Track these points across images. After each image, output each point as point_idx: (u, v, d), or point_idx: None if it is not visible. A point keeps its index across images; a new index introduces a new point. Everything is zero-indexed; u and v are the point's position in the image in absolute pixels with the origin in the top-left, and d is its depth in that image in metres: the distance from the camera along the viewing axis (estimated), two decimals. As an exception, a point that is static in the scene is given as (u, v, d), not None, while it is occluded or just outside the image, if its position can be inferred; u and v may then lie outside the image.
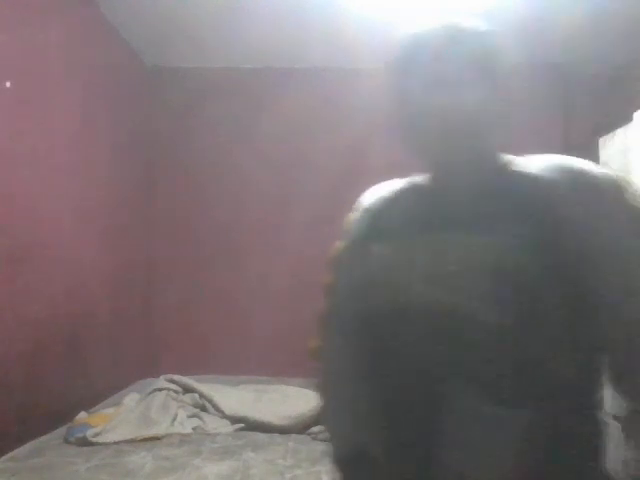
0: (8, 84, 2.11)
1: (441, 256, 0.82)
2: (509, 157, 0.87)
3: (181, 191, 3.68)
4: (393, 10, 2.99)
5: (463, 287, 0.80)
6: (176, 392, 2.74)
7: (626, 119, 2.45)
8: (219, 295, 3.58)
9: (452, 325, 0.80)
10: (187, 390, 2.79)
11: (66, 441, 2.14)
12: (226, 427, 2.48)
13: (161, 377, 2.90)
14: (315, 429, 2.38)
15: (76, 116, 2.68)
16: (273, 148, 3.58)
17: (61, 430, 2.24)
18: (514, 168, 0.85)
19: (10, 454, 1.96)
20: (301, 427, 2.43)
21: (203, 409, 2.66)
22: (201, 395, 2.73)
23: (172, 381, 2.82)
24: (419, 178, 0.94)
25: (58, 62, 2.52)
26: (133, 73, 3.50)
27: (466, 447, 0.78)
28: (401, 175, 0.98)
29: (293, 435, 2.37)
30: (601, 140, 2.67)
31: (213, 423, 2.51)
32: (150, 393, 2.67)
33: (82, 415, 2.39)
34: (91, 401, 2.55)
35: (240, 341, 3.45)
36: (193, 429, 2.44)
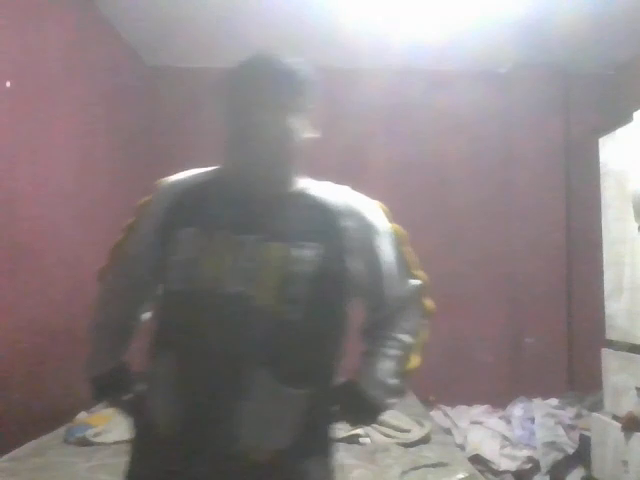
0: (8, 84, 2.11)
1: (239, 253, 0.95)
2: (306, 181, 1.09)
3: (181, 191, 3.67)
4: (392, 10, 2.99)
5: (256, 282, 0.93)
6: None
7: (626, 119, 2.45)
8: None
9: (245, 314, 0.93)
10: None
11: (66, 441, 2.14)
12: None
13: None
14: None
15: (76, 116, 2.68)
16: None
17: (61, 430, 2.24)
18: (307, 191, 1.06)
19: (10, 454, 1.95)
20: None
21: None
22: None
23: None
24: (221, 172, 1.11)
25: (58, 62, 2.52)
26: (133, 73, 3.50)
27: (249, 421, 0.91)
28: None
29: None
30: (601, 140, 2.66)
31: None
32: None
33: (82, 415, 2.39)
34: (91, 401, 2.54)
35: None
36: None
